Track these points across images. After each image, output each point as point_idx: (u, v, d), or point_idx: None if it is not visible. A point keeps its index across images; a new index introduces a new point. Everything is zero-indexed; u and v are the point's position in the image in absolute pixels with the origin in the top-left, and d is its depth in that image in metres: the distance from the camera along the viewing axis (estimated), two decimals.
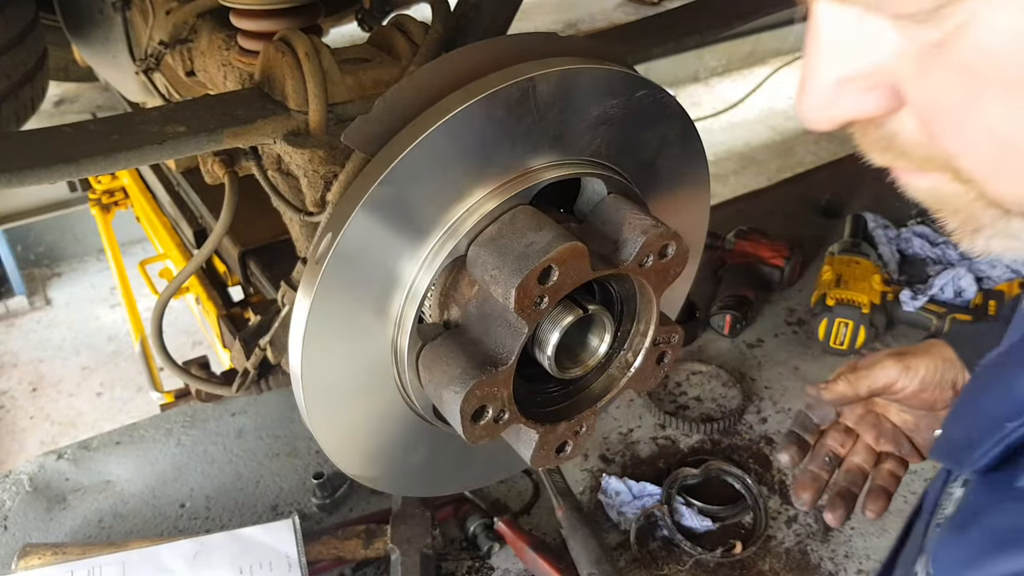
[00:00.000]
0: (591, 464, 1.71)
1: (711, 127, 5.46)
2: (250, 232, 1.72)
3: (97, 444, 1.76)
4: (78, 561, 1.39)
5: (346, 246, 0.92)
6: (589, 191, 1.05)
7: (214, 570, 1.39)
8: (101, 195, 2.74)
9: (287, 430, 1.78)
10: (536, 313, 0.91)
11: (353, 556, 1.47)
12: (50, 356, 3.87)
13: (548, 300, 0.91)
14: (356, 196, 0.92)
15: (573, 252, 0.89)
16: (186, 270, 1.44)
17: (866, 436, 1.18)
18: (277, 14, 1.26)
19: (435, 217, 0.95)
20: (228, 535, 1.43)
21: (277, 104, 1.15)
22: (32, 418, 3.56)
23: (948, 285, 2.09)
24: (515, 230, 0.93)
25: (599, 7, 5.64)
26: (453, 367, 0.94)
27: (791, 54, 6.42)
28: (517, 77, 0.92)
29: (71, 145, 1.02)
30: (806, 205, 2.54)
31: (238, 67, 1.30)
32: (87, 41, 1.94)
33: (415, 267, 0.97)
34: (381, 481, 1.18)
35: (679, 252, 0.98)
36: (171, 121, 1.08)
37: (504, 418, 0.96)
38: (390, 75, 1.17)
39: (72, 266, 4.37)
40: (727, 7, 1.62)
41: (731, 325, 2.04)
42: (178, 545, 1.42)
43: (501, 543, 1.53)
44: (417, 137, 0.90)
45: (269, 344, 1.37)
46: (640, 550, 1.54)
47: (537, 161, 0.98)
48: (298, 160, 1.12)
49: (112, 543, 1.47)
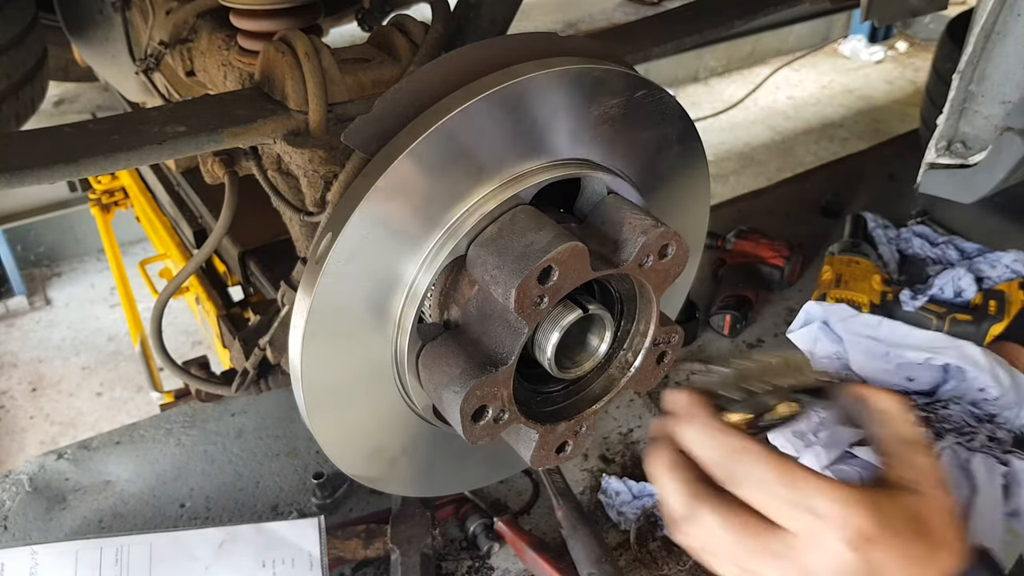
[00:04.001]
0: (591, 464, 1.71)
1: (711, 127, 5.46)
2: (250, 232, 1.72)
3: (97, 444, 1.76)
4: (107, 539, 1.41)
5: (346, 246, 0.92)
6: (589, 191, 1.05)
7: (239, 560, 1.40)
8: (101, 195, 2.74)
9: (287, 430, 1.78)
10: (536, 313, 0.91)
11: (353, 556, 1.47)
12: (50, 356, 3.87)
13: (548, 300, 0.91)
14: (356, 196, 0.92)
15: (573, 252, 0.89)
16: (186, 270, 1.44)
17: None
18: (277, 14, 1.26)
19: (435, 217, 0.95)
20: (255, 527, 1.45)
21: (277, 104, 1.15)
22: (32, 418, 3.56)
23: (948, 285, 2.08)
24: (515, 230, 0.93)
25: (599, 7, 5.64)
26: (453, 367, 0.94)
27: (791, 54, 6.42)
28: (517, 77, 0.92)
29: (71, 145, 1.02)
30: (806, 205, 2.53)
31: (238, 67, 1.30)
32: (87, 41, 1.94)
33: (415, 267, 0.97)
34: (381, 481, 1.18)
35: (679, 252, 0.98)
36: (171, 121, 1.08)
37: (504, 418, 0.96)
38: (390, 75, 1.17)
39: (72, 266, 4.37)
40: (727, 7, 1.62)
41: (731, 325, 2.04)
42: (206, 532, 1.44)
43: (501, 543, 1.53)
44: (417, 137, 0.90)
45: (269, 344, 1.37)
46: (640, 550, 1.54)
47: (537, 161, 0.98)
48: (298, 160, 1.12)
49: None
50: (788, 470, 0.68)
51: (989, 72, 1.22)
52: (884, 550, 0.64)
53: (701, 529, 0.71)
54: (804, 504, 0.66)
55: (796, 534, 0.66)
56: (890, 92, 6.05)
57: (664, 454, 0.76)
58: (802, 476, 0.68)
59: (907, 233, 2.32)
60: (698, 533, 0.72)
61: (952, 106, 1.26)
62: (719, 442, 0.73)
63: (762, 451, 0.71)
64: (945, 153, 1.29)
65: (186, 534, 1.43)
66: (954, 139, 1.29)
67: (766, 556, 0.67)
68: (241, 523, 1.52)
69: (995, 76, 1.22)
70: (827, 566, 0.64)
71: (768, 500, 0.68)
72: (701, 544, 0.72)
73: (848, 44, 6.58)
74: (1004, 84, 1.22)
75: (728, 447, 0.72)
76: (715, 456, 0.73)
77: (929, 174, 1.33)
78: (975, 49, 1.19)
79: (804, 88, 6.08)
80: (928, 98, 2.74)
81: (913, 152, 2.22)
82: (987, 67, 1.21)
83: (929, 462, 0.72)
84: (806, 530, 0.66)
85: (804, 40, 6.50)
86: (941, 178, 1.34)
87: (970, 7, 1.29)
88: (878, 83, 6.18)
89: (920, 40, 6.69)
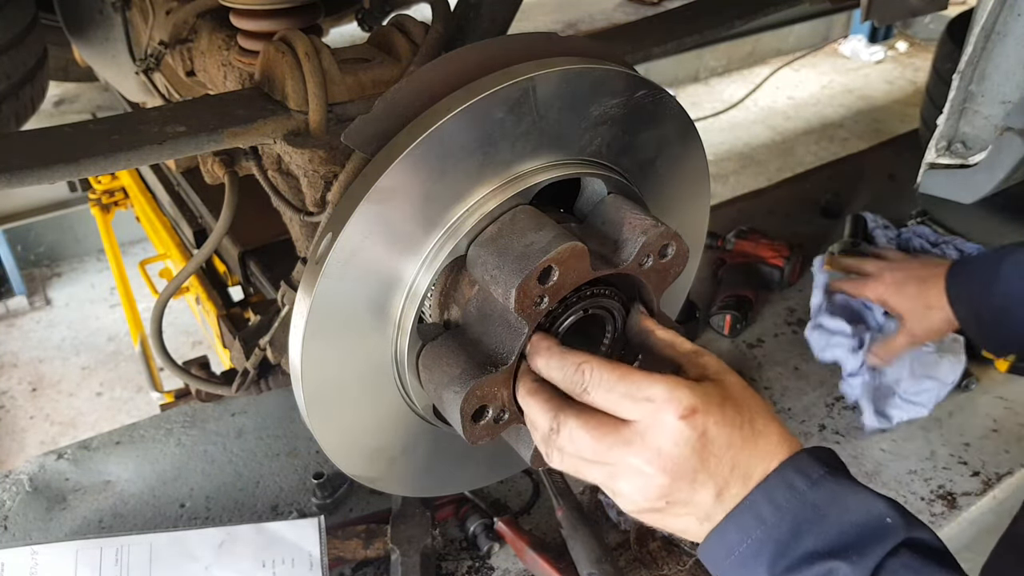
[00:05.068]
0: None
1: (711, 127, 5.46)
2: (250, 232, 1.72)
3: (97, 444, 1.76)
4: (107, 539, 1.41)
5: (346, 246, 0.92)
6: (589, 191, 1.05)
7: (239, 560, 1.40)
8: (101, 195, 2.74)
9: (287, 430, 1.78)
10: (536, 313, 0.91)
11: (353, 556, 1.47)
12: (50, 356, 3.87)
13: (548, 300, 0.91)
14: (356, 196, 0.92)
15: (573, 252, 0.89)
16: (186, 270, 1.44)
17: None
18: (277, 14, 1.26)
19: (435, 217, 0.95)
20: (254, 527, 1.45)
21: (277, 104, 1.15)
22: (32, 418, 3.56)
23: None
24: (515, 230, 0.93)
25: (599, 7, 5.64)
26: (453, 367, 0.94)
27: (791, 54, 6.42)
28: (517, 77, 0.92)
29: (71, 145, 1.02)
30: (806, 205, 2.53)
31: (238, 67, 1.30)
32: (87, 41, 1.94)
33: (415, 267, 0.97)
34: (381, 481, 1.18)
35: (679, 252, 0.98)
36: (171, 121, 1.08)
37: (504, 418, 0.96)
38: (390, 75, 1.17)
39: (72, 266, 4.37)
40: (727, 7, 1.62)
41: (731, 325, 2.04)
42: (205, 532, 1.44)
43: (501, 543, 1.53)
44: (416, 137, 0.90)
45: (269, 344, 1.37)
46: (640, 550, 1.54)
47: (537, 161, 0.98)
48: (298, 160, 1.12)
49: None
50: (624, 371, 0.82)
51: (989, 72, 1.22)
52: (709, 417, 0.79)
53: (567, 438, 0.83)
54: (641, 395, 0.80)
55: (640, 420, 0.80)
56: (890, 92, 6.05)
57: (525, 383, 0.90)
58: (636, 374, 0.82)
59: (907, 233, 2.32)
60: (565, 443, 0.84)
61: (952, 106, 1.26)
62: (565, 361, 0.86)
63: (600, 360, 0.84)
64: (945, 153, 1.29)
65: (186, 534, 1.43)
66: (954, 139, 1.29)
67: (621, 446, 0.80)
68: (241, 523, 1.52)
69: (995, 76, 1.22)
70: (669, 440, 0.79)
71: (613, 399, 0.82)
72: (572, 451, 0.84)
73: (848, 44, 6.58)
74: (1004, 84, 1.22)
75: (572, 363, 0.85)
76: (564, 373, 0.86)
77: (929, 174, 1.33)
78: (975, 49, 1.19)
79: (804, 88, 6.09)
80: (928, 98, 2.74)
81: (913, 152, 2.22)
82: (987, 67, 1.22)
83: (714, 359, 0.89)
84: (647, 415, 0.80)
85: (804, 40, 6.50)
86: (941, 178, 1.34)
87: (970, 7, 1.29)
88: (878, 83, 6.18)
89: (920, 40, 6.70)
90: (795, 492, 0.79)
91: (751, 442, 0.82)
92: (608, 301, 0.98)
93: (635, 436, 0.80)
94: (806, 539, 0.78)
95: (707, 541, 0.83)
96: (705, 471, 0.80)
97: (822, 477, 0.80)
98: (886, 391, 1.80)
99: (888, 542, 0.77)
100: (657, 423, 0.79)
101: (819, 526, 0.78)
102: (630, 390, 0.81)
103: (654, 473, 0.79)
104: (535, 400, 0.88)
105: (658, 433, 0.79)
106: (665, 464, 0.79)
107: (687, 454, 0.79)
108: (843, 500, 0.79)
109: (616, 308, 0.99)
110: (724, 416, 0.81)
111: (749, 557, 0.79)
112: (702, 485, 0.80)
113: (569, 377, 0.85)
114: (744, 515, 0.80)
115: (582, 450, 0.83)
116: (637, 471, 0.80)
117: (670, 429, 0.79)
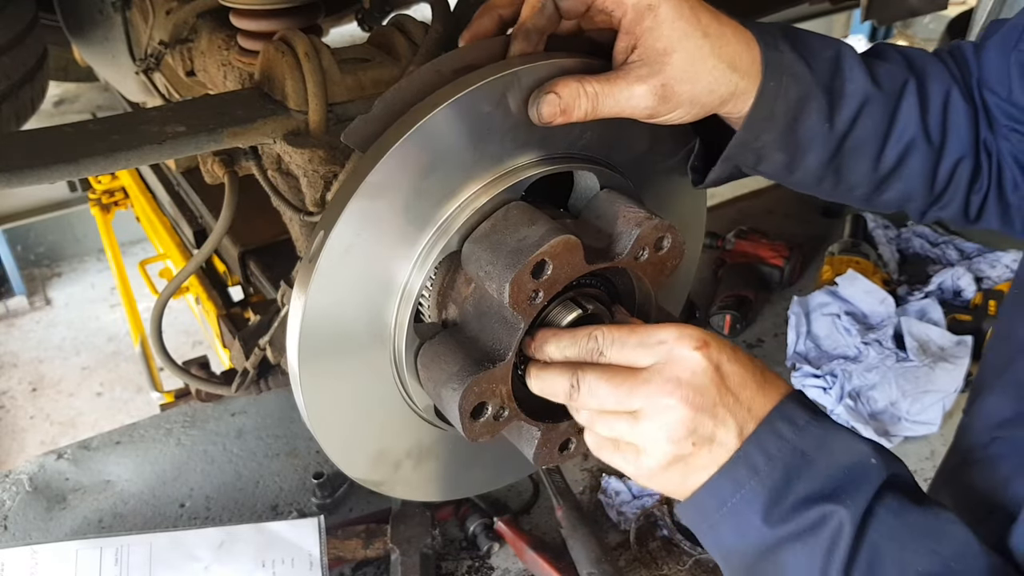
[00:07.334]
0: (591, 464, 1.71)
1: None
2: (250, 232, 1.72)
3: (97, 444, 1.76)
4: (107, 539, 1.41)
5: (337, 244, 0.92)
6: (582, 186, 1.05)
7: (238, 560, 1.40)
8: (101, 195, 2.75)
9: (287, 430, 1.79)
10: (532, 308, 0.91)
11: (353, 556, 1.47)
12: (50, 356, 3.87)
13: (543, 294, 0.91)
14: (346, 194, 0.92)
15: (566, 246, 0.89)
16: (186, 270, 1.44)
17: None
18: (277, 14, 1.26)
19: (426, 214, 0.95)
20: (254, 527, 1.45)
21: (277, 104, 1.15)
22: (32, 418, 3.56)
23: (947, 285, 2.09)
24: (508, 225, 0.93)
25: None
26: (451, 364, 0.94)
27: None
28: (505, 70, 0.92)
29: (71, 145, 1.02)
30: (806, 205, 2.53)
31: (238, 67, 1.30)
32: (87, 41, 1.94)
33: (409, 264, 0.97)
34: (386, 485, 1.18)
35: (675, 244, 0.98)
36: (171, 121, 1.08)
37: (504, 415, 0.96)
38: (390, 75, 1.16)
39: (72, 266, 4.38)
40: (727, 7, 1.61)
41: (731, 325, 2.04)
42: (205, 532, 1.44)
43: (501, 543, 1.53)
44: (404, 133, 0.90)
45: (269, 344, 1.37)
46: (640, 550, 1.54)
47: (528, 156, 0.98)
48: (298, 160, 1.12)
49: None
50: (632, 327, 0.86)
51: None
52: (722, 353, 0.83)
53: (588, 392, 0.85)
54: (653, 341, 0.83)
55: (658, 360, 0.83)
56: None
57: (534, 368, 0.92)
58: (642, 326, 0.86)
59: (907, 233, 2.32)
60: (586, 398, 0.85)
61: None
62: (575, 336, 0.89)
63: (604, 326, 0.88)
64: None
65: (186, 534, 1.43)
66: None
67: (641, 385, 0.82)
68: (241, 523, 1.52)
69: None
70: (687, 369, 0.81)
71: (628, 351, 0.84)
72: (595, 405, 0.85)
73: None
74: None
75: (583, 334, 0.88)
76: (579, 346, 0.88)
77: None
78: None
79: None
80: None
81: None
82: None
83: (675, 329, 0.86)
84: (663, 355, 0.83)
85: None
86: None
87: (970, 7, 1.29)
88: None
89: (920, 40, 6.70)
90: (784, 441, 0.81)
91: (763, 386, 0.84)
92: (593, 303, 0.97)
93: (653, 375, 0.82)
94: (797, 485, 0.80)
95: (696, 495, 0.84)
96: (724, 406, 0.81)
97: (807, 423, 0.82)
98: (890, 417, 1.79)
99: (874, 481, 0.79)
100: (673, 358, 0.82)
101: (808, 471, 0.80)
102: (643, 339, 0.84)
103: (676, 404, 0.80)
104: (549, 371, 0.90)
105: (675, 365, 0.82)
106: (686, 394, 0.80)
107: (706, 383, 0.81)
108: (829, 444, 0.82)
109: (603, 312, 0.98)
110: (736, 356, 0.84)
111: (743, 506, 0.81)
112: (722, 422, 0.81)
113: (583, 347, 0.87)
114: (738, 467, 0.81)
115: (604, 401, 0.84)
116: (660, 408, 0.81)
117: (687, 359, 0.81)
